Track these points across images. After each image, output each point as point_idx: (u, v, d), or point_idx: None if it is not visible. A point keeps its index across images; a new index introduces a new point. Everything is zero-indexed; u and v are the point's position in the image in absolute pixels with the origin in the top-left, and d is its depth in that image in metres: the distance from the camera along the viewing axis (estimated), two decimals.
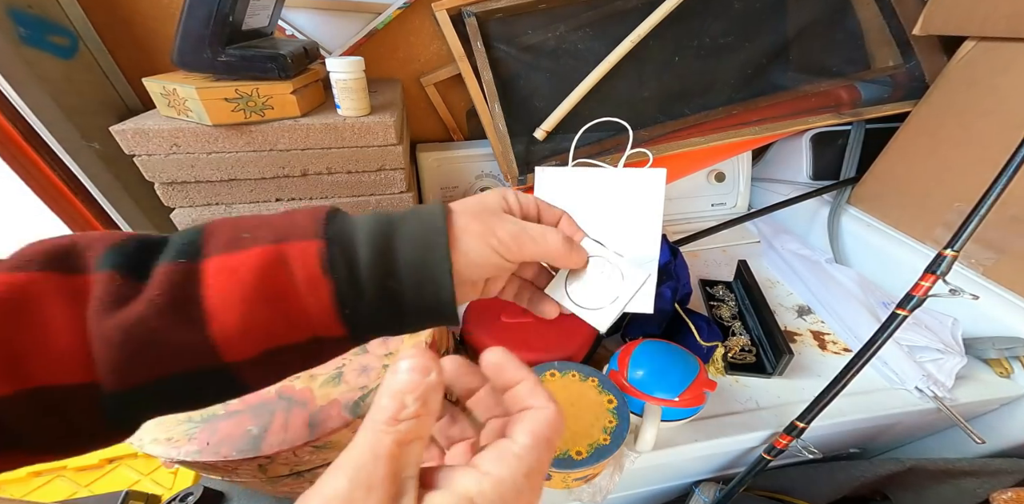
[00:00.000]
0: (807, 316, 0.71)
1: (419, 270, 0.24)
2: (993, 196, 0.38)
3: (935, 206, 0.66)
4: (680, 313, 0.60)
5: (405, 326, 0.26)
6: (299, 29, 0.72)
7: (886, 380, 0.58)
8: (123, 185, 0.68)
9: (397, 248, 0.24)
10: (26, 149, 0.58)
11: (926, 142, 0.69)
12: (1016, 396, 0.56)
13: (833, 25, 0.79)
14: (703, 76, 0.78)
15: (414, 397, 0.17)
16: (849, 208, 0.79)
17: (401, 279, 0.24)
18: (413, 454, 0.17)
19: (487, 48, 0.71)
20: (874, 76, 0.80)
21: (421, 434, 0.17)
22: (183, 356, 0.21)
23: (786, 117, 0.78)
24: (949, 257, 0.39)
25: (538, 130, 0.74)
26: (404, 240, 0.24)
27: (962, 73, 0.66)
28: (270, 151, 0.58)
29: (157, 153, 0.56)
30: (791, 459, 0.53)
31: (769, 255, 0.85)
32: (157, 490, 0.60)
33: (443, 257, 0.24)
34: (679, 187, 0.91)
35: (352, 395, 0.47)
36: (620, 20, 0.72)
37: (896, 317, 0.42)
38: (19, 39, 0.56)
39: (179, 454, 0.43)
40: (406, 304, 0.24)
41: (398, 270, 0.24)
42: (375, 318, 0.24)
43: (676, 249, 0.67)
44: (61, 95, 0.60)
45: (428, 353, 0.19)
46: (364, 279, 0.23)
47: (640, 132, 0.75)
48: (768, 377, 0.60)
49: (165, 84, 0.53)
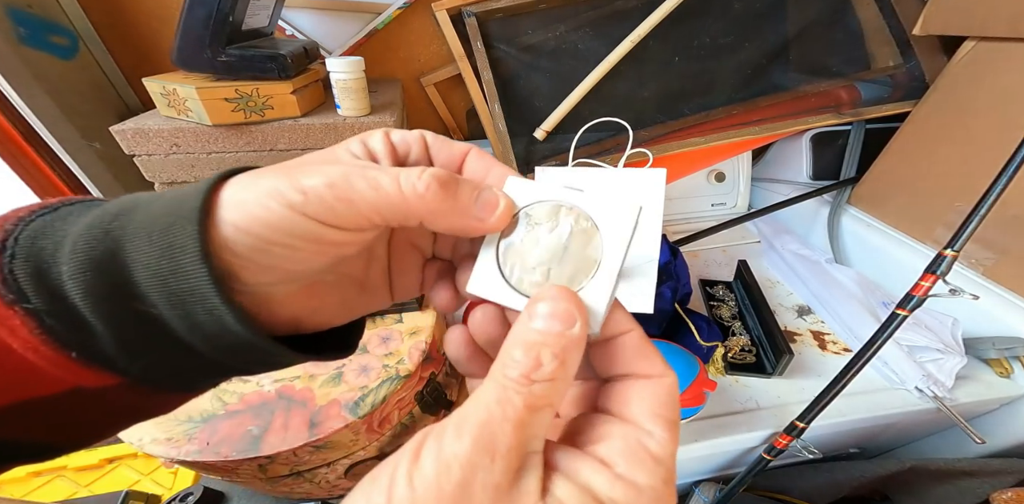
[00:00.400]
0: (807, 316, 0.71)
1: (166, 280, 0.15)
2: (993, 196, 0.38)
3: (935, 206, 0.66)
4: (680, 313, 0.60)
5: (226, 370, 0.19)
6: (299, 29, 0.72)
7: (886, 380, 0.58)
8: (123, 185, 0.68)
9: (127, 251, 0.15)
10: (26, 149, 0.58)
11: (926, 142, 0.69)
12: (1016, 396, 0.56)
13: (833, 25, 0.79)
14: (703, 76, 0.78)
15: (552, 353, 0.15)
16: (849, 208, 0.79)
17: (148, 298, 0.15)
18: (542, 424, 0.14)
19: (487, 48, 0.71)
20: (874, 76, 0.80)
21: (554, 401, 0.14)
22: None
23: (786, 117, 0.78)
24: (949, 257, 0.39)
25: (538, 130, 0.74)
26: (137, 236, 0.15)
27: (962, 73, 0.66)
28: (270, 151, 0.58)
29: (157, 153, 0.56)
30: (791, 459, 0.53)
31: (769, 255, 0.85)
32: (157, 490, 0.60)
33: (193, 256, 0.15)
34: (679, 187, 0.91)
35: (352, 395, 0.47)
36: (620, 20, 0.72)
37: (896, 317, 0.42)
38: (19, 39, 0.56)
39: (179, 454, 0.43)
40: (186, 335, 0.16)
41: (136, 284, 0.15)
42: (154, 356, 0.17)
43: (676, 249, 0.67)
44: (61, 95, 0.60)
45: (572, 296, 0.16)
46: (81, 305, 0.15)
47: (640, 132, 0.75)
48: (768, 377, 0.60)
49: (165, 84, 0.53)
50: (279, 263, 0.17)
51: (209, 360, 0.17)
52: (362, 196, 0.16)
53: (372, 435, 0.49)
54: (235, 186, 0.16)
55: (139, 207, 0.16)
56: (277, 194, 0.15)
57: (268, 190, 0.16)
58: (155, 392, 0.18)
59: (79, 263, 0.15)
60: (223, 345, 0.17)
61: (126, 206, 0.16)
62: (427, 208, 0.16)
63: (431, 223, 0.17)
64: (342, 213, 0.16)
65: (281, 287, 0.18)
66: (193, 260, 0.15)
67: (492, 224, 0.18)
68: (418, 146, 0.20)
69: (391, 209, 0.16)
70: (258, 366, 0.19)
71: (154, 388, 0.18)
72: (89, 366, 0.16)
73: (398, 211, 0.16)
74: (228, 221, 0.15)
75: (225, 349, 0.17)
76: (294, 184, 0.16)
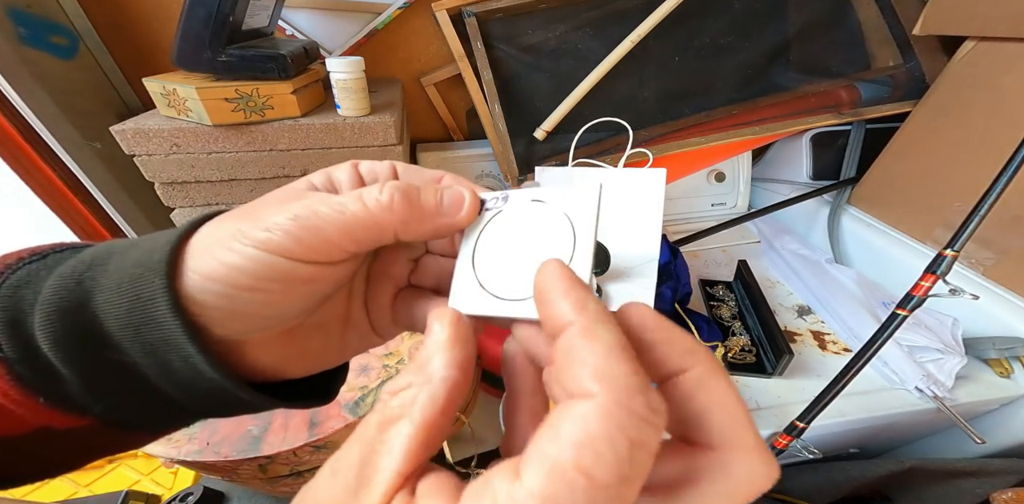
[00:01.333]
0: (807, 316, 0.71)
1: (138, 330, 0.15)
2: (993, 196, 0.38)
3: (935, 206, 0.66)
4: (680, 313, 0.60)
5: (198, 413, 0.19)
6: (299, 29, 0.72)
7: (886, 380, 0.58)
8: (123, 185, 0.68)
9: (96, 302, 0.15)
10: (26, 149, 0.58)
11: (926, 142, 0.69)
12: (1016, 396, 0.56)
13: (833, 25, 0.79)
14: (703, 76, 0.78)
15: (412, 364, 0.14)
16: (849, 208, 0.79)
17: (121, 347, 0.15)
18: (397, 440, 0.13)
19: (487, 48, 0.71)
20: (874, 76, 0.80)
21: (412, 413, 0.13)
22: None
23: (786, 117, 0.78)
24: (949, 257, 0.39)
25: (538, 130, 0.74)
26: (107, 288, 0.15)
27: (962, 73, 0.66)
28: (270, 151, 0.58)
29: (157, 153, 0.56)
30: (791, 459, 0.53)
31: (769, 255, 0.85)
32: (157, 490, 0.60)
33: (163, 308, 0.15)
34: (679, 187, 0.91)
35: (352, 395, 0.47)
36: (620, 20, 0.72)
37: (896, 317, 0.42)
38: (19, 39, 0.56)
39: (179, 454, 0.43)
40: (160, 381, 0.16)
41: (108, 334, 0.15)
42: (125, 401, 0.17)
43: (676, 249, 0.67)
44: (61, 95, 0.60)
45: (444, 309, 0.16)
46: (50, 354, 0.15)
47: (640, 132, 0.75)
48: (768, 377, 0.60)
49: (165, 84, 0.53)
50: (250, 309, 0.16)
51: (182, 405, 0.17)
52: (329, 222, 0.15)
53: None
54: (202, 233, 0.16)
55: (113, 256, 0.16)
56: (240, 235, 0.15)
57: (232, 232, 0.15)
58: (125, 432, 0.18)
59: (47, 314, 0.15)
60: (198, 392, 0.16)
61: (100, 255, 0.16)
62: (397, 218, 0.16)
63: (405, 233, 0.17)
64: (311, 244, 0.15)
65: (257, 335, 0.17)
66: (164, 312, 0.15)
67: (463, 217, 0.18)
68: (387, 174, 0.20)
69: (362, 229, 0.16)
70: (232, 411, 0.19)
71: (124, 429, 0.18)
72: (58, 409, 0.16)
73: (370, 229, 0.16)
74: (194, 270, 0.15)
75: (200, 396, 0.17)
76: (257, 223, 0.15)
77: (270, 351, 0.18)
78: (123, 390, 0.16)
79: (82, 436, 0.17)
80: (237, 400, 0.17)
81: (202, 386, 0.16)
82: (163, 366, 0.16)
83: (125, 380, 0.16)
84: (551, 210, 0.18)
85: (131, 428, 0.18)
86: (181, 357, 0.15)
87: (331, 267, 0.17)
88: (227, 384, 0.16)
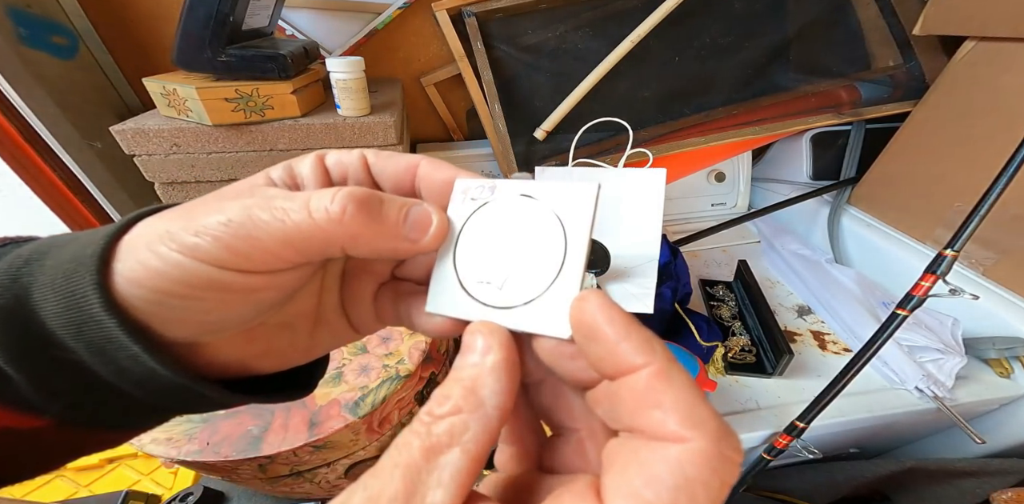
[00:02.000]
0: (807, 316, 0.71)
1: (80, 328, 0.14)
2: (993, 196, 0.38)
3: (935, 206, 0.66)
4: (680, 313, 0.60)
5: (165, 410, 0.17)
6: (299, 29, 0.72)
7: (886, 380, 0.58)
8: (123, 185, 0.68)
9: (34, 299, 0.14)
10: (26, 149, 0.58)
11: (926, 142, 0.69)
12: (1016, 396, 0.56)
13: (833, 25, 0.79)
14: (703, 76, 0.78)
15: (461, 385, 0.13)
16: (849, 208, 0.79)
17: (66, 345, 0.14)
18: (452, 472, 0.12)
19: (487, 48, 0.71)
20: (874, 76, 0.80)
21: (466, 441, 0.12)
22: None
23: (786, 117, 0.78)
24: (949, 257, 0.39)
25: (538, 130, 0.74)
26: (43, 284, 0.14)
27: (962, 73, 0.66)
28: (270, 151, 0.58)
29: (157, 153, 0.56)
30: (791, 459, 0.53)
31: (769, 255, 0.84)
32: (157, 490, 0.60)
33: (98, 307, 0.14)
34: (679, 187, 0.91)
35: (352, 395, 0.47)
36: (620, 20, 0.72)
37: (896, 317, 0.42)
38: (19, 39, 0.56)
39: (179, 454, 0.43)
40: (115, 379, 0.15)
41: (51, 332, 0.14)
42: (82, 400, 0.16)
43: (676, 249, 0.67)
44: (61, 95, 0.60)
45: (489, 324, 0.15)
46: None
47: (640, 132, 0.75)
48: (768, 377, 0.59)
49: (165, 84, 0.53)
50: (186, 316, 0.15)
51: (144, 402, 0.16)
52: (266, 231, 0.14)
53: (372, 435, 0.49)
54: (137, 229, 0.15)
55: (51, 251, 0.15)
56: (168, 238, 0.14)
57: (159, 234, 0.14)
58: (92, 432, 0.17)
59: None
60: (158, 389, 0.15)
61: (39, 250, 0.15)
62: (346, 233, 0.14)
63: (354, 249, 0.15)
64: (245, 253, 0.14)
65: (207, 337, 0.16)
66: (99, 310, 0.13)
67: (426, 244, 0.16)
68: (356, 166, 0.18)
69: (304, 241, 0.14)
70: (202, 407, 0.17)
71: (89, 428, 0.17)
72: (11, 410, 0.15)
73: (313, 241, 0.14)
74: (119, 272, 0.14)
75: (161, 393, 0.15)
76: (188, 225, 0.14)
77: (228, 351, 0.17)
78: (77, 389, 0.15)
79: (47, 437, 0.16)
80: (201, 397, 0.16)
81: (160, 384, 0.15)
82: (113, 364, 0.14)
83: (77, 379, 0.15)
84: (543, 209, 0.16)
85: (97, 427, 0.17)
86: (129, 356, 0.14)
87: (272, 276, 0.15)
88: (184, 381, 0.15)
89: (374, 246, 0.15)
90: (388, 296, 0.19)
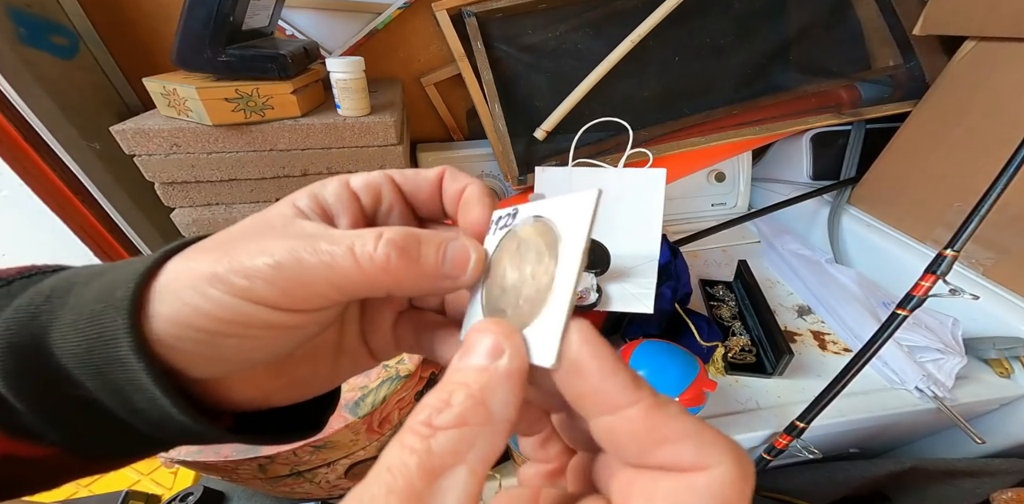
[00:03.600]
0: (807, 316, 0.71)
1: (99, 369, 0.14)
2: (993, 196, 0.38)
3: (935, 206, 0.66)
4: (680, 313, 0.60)
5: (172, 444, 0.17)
6: (299, 29, 0.72)
7: (886, 380, 0.58)
8: (123, 185, 0.68)
9: (52, 339, 0.14)
10: (26, 149, 0.58)
11: (926, 142, 0.69)
12: (1016, 396, 0.56)
13: (833, 25, 0.79)
14: (703, 76, 0.78)
15: (467, 393, 0.12)
16: (849, 208, 0.79)
17: (83, 385, 0.14)
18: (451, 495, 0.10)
19: (487, 48, 0.71)
20: (874, 76, 0.80)
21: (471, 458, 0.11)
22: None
23: (786, 117, 0.78)
24: (949, 257, 0.39)
25: (538, 130, 0.74)
26: (64, 324, 0.14)
27: (962, 73, 0.66)
28: (270, 151, 0.58)
29: (157, 153, 0.56)
30: (791, 459, 0.53)
31: (769, 255, 0.84)
32: (157, 490, 0.60)
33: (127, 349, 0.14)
34: (679, 187, 0.91)
35: (352, 395, 0.47)
36: (620, 20, 0.72)
37: (896, 317, 0.42)
38: (19, 39, 0.56)
39: (179, 454, 0.43)
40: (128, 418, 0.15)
41: (67, 370, 0.14)
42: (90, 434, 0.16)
43: (676, 249, 0.67)
44: (61, 95, 0.60)
45: (497, 323, 0.13)
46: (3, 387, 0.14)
47: (640, 132, 0.75)
48: (768, 377, 0.59)
49: (165, 84, 0.53)
50: (229, 354, 0.15)
51: (153, 437, 0.16)
52: (315, 275, 0.14)
53: (372, 435, 0.49)
54: (170, 269, 0.15)
55: (74, 289, 0.15)
56: (217, 280, 0.14)
57: (206, 276, 0.14)
58: (94, 461, 0.17)
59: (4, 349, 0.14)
60: (169, 429, 0.15)
61: (61, 286, 0.15)
62: (392, 279, 0.14)
63: (398, 291, 0.15)
64: (297, 295, 0.14)
65: (237, 374, 0.16)
66: (127, 353, 0.13)
67: (465, 280, 0.16)
68: (388, 187, 0.18)
69: (352, 285, 0.14)
70: (210, 443, 0.17)
71: (92, 458, 0.17)
72: (18, 440, 0.15)
73: (360, 286, 0.14)
74: (162, 316, 0.14)
75: (172, 432, 0.15)
76: (235, 266, 0.14)
77: (253, 385, 0.17)
78: (89, 425, 0.15)
79: (50, 463, 0.16)
80: (213, 437, 0.16)
81: (173, 425, 0.15)
82: (128, 405, 0.14)
83: (88, 415, 0.15)
84: (547, 226, 0.15)
85: (100, 457, 0.17)
86: (147, 398, 0.14)
87: (319, 313, 0.15)
88: (199, 427, 0.15)
89: (417, 287, 0.15)
90: (407, 325, 0.20)
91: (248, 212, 0.62)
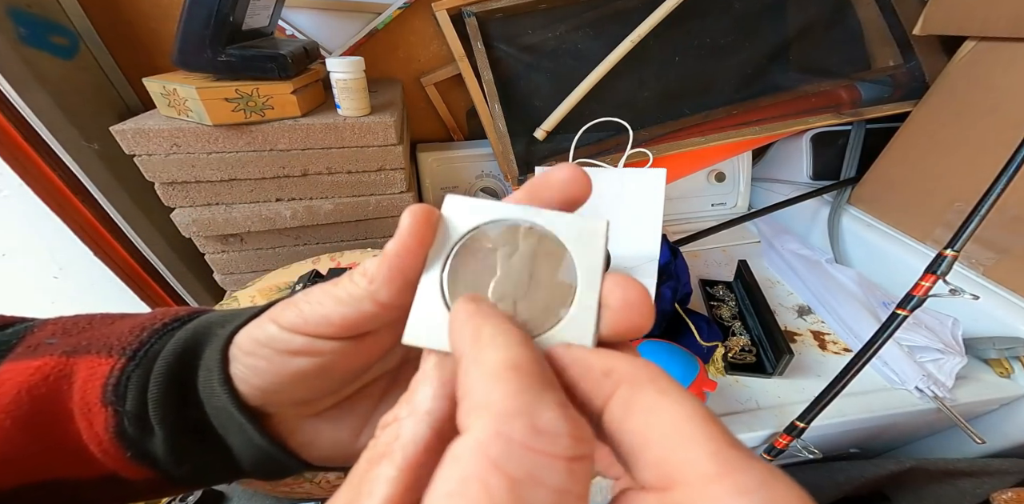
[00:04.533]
0: (807, 316, 0.71)
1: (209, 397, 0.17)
2: (993, 196, 0.38)
3: (935, 206, 0.66)
4: (680, 313, 0.60)
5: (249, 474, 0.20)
6: (299, 29, 0.72)
7: (886, 380, 0.58)
8: (123, 185, 0.68)
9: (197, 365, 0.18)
10: (26, 149, 0.58)
11: (926, 142, 0.69)
12: (1016, 396, 0.56)
13: (833, 25, 0.79)
14: (703, 76, 0.78)
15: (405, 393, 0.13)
16: (849, 208, 0.79)
17: (203, 407, 0.18)
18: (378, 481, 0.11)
19: (487, 48, 0.71)
20: (874, 76, 0.80)
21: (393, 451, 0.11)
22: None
23: (786, 117, 0.78)
24: (949, 257, 0.39)
25: (538, 130, 0.74)
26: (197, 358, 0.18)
27: (962, 73, 0.66)
28: (270, 151, 0.58)
29: (157, 153, 0.56)
30: (791, 459, 0.53)
31: (769, 255, 0.84)
32: None
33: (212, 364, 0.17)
34: (679, 187, 0.91)
35: None
36: (620, 20, 0.72)
37: (896, 317, 0.42)
38: (19, 39, 0.56)
39: None
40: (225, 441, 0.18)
41: (199, 395, 0.17)
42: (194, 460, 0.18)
43: (676, 249, 0.67)
44: (61, 95, 0.60)
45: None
46: (153, 410, 0.17)
47: (640, 132, 0.75)
48: (768, 377, 0.59)
49: (165, 84, 0.53)
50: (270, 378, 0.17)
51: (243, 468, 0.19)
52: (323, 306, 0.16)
53: None
54: None
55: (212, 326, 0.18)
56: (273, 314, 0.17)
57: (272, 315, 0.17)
58: (177, 486, 0.19)
59: (165, 374, 0.17)
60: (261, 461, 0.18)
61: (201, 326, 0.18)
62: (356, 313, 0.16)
63: None
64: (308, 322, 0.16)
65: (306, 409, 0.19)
66: (219, 382, 0.17)
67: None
68: None
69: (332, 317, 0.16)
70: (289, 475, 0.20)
71: (179, 484, 0.19)
72: (138, 464, 0.17)
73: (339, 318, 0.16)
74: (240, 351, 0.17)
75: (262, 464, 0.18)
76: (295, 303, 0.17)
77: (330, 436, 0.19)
78: (201, 453, 0.18)
79: (139, 486, 0.18)
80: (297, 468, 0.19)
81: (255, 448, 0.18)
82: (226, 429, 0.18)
83: (203, 441, 0.18)
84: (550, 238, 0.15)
85: (186, 484, 0.19)
86: (236, 425, 0.17)
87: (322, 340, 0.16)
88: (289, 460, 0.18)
89: None
90: None
91: (248, 212, 0.62)
